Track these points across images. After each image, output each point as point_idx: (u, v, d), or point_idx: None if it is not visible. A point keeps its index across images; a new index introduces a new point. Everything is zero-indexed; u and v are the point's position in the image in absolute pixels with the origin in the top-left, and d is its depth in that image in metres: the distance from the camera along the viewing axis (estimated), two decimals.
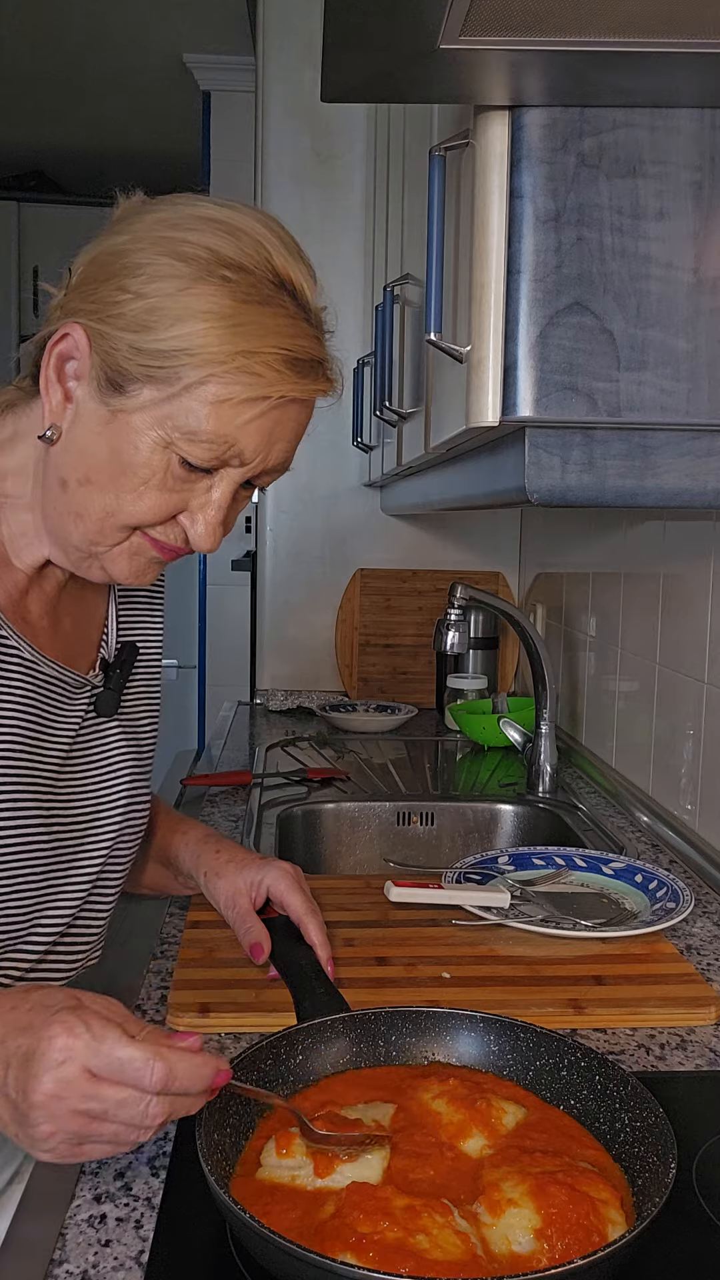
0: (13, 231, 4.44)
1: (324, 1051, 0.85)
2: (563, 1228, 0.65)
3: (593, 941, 1.16)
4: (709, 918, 1.29)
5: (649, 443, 1.02)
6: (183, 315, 0.79)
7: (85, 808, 0.98)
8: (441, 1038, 0.87)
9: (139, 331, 0.80)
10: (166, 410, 0.81)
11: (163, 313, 0.80)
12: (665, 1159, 0.69)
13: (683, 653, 1.57)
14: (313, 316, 0.86)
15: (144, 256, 0.81)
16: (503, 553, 2.69)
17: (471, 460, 1.33)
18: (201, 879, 1.14)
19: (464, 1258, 0.64)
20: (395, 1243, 0.63)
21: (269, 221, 0.85)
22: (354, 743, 2.26)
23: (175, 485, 0.84)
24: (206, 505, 0.86)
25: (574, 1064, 0.81)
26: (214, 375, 0.80)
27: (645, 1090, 0.75)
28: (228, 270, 0.81)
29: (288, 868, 1.11)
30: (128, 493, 0.84)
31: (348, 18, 0.85)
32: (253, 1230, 0.62)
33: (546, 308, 0.98)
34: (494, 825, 1.78)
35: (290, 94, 2.56)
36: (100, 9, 3.21)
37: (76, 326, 0.83)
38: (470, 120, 1.01)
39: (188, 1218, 0.73)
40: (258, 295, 0.81)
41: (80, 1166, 0.79)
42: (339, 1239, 0.64)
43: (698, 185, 0.97)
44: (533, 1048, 0.84)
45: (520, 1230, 0.66)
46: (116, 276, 0.82)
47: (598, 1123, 0.78)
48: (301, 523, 2.67)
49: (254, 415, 0.82)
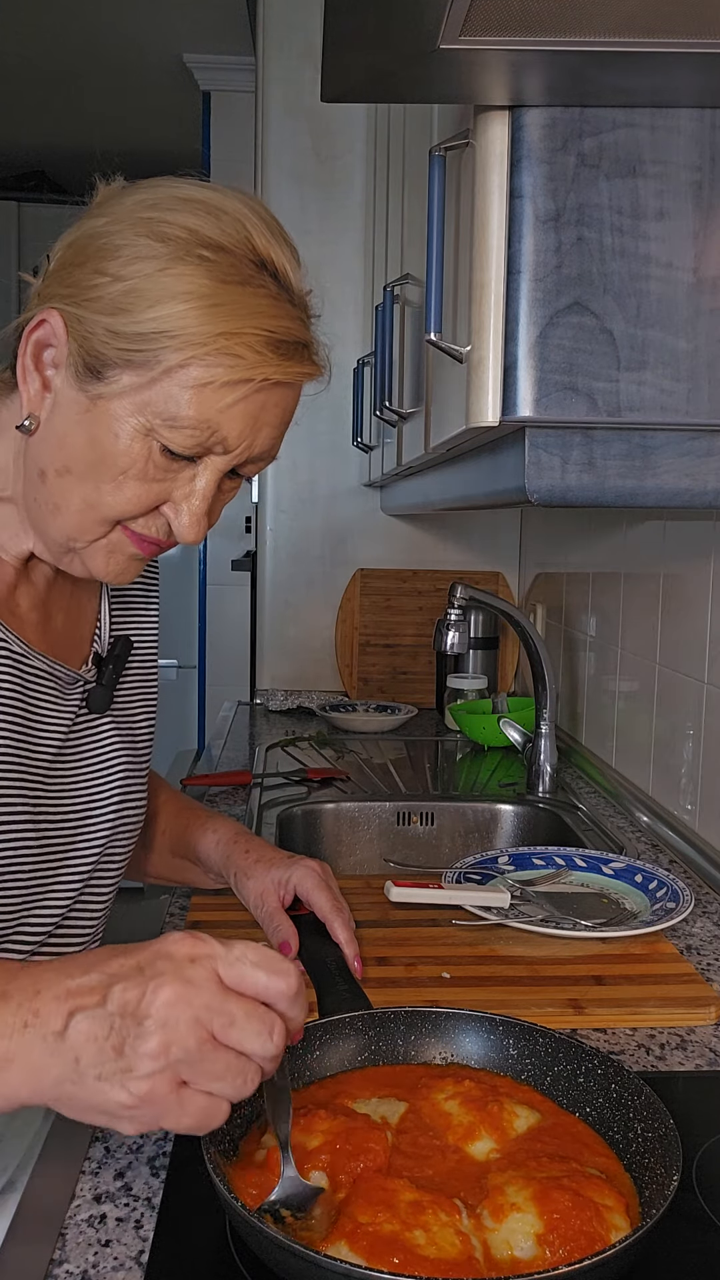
0: (13, 232, 4.45)
1: (341, 1047, 0.85)
2: (565, 1234, 0.65)
3: (593, 941, 1.16)
4: (709, 918, 1.29)
5: (649, 443, 1.02)
6: (161, 297, 0.77)
7: (77, 806, 0.97)
8: (460, 1039, 0.87)
9: (116, 314, 0.78)
10: (146, 396, 0.78)
11: (141, 294, 0.77)
12: (670, 1170, 0.68)
13: (683, 653, 1.57)
14: (296, 298, 0.83)
15: (122, 238, 0.79)
16: (503, 553, 2.69)
17: (471, 460, 1.33)
18: (231, 879, 1.15)
19: (459, 1258, 0.64)
20: (390, 1235, 0.63)
21: (251, 202, 0.83)
22: (354, 743, 2.26)
23: (157, 474, 0.81)
24: (190, 495, 0.83)
25: (591, 1070, 0.81)
26: (195, 358, 0.77)
27: (658, 1100, 0.75)
28: (207, 250, 0.78)
29: (315, 865, 1.11)
30: (107, 483, 0.81)
31: (348, 17, 0.85)
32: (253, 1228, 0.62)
33: (546, 308, 0.98)
34: (494, 825, 1.78)
35: (290, 94, 2.56)
36: (100, 9, 3.22)
37: (53, 312, 0.80)
38: (470, 120, 1.01)
39: (188, 1217, 0.73)
40: (238, 275, 0.79)
41: (80, 1166, 0.79)
42: (337, 1227, 0.64)
43: (698, 185, 0.97)
44: (550, 1052, 0.83)
45: (522, 1235, 0.66)
46: (94, 259, 0.79)
47: (611, 1131, 0.78)
48: (301, 523, 2.67)
49: (236, 399, 0.79)
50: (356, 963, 1.06)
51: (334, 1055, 0.85)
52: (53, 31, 3.37)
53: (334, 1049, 0.85)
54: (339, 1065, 0.85)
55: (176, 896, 1.28)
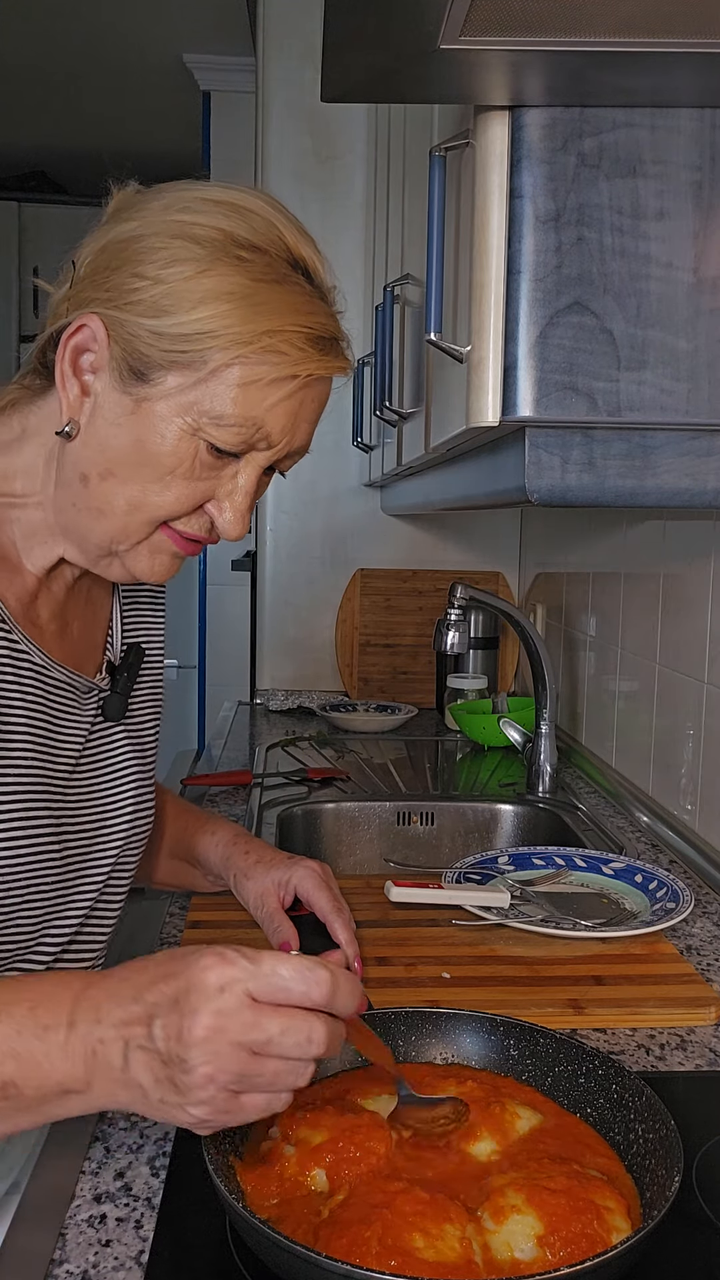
0: (13, 231, 4.45)
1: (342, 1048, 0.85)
2: (566, 1236, 0.65)
3: (592, 941, 1.16)
4: (709, 918, 1.29)
5: (649, 442, 1.02)
6: (204, 297, 0.78)
7: (93, 815, 0.96)
8: (460, 1040, 0.87)
9: (159, 316, 0.79)
10: (193, 396, 0.79)
11: (182, 296, 0.78)
12: (671, 1171, 0.68)
13: (682, 653, 1.57)
14: (327, 295, 0.85)
15: (157, 241, 0.80)
16: (503, 553, 2.69)
17: (471, 460, 1.33)
18: (231, 880, 1.15)
19: (459, 1261, 0.63)
20: (385, 1238, 0.63)
21: (273, 201, 0.84)
22: (354, 743, 2.26)
23: (202, 473, 0.83)
24: (234, 492, 0.84)
25: (592, 1071, 0.81)
26: (240, 357, 0.78)
27: (659, 1102, 0.75)
28: (243, 250, 0.80)
29: (315, 866, 1.11)
30: (153, 483, 0.82)
31: (348, 17, 0.85)
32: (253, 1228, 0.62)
33: (546, 308, 0.98)
34: (494, 825, 1.78)
35: (290, 94, 2.56)
36: (100, 9, 3.21)
37: (93, 317, 0.81)
38: (470, 120, 1.01)
39: (188, 1217, 0.73)
40: (274, 274, 0.80)
41: (80, 1166, 0.79)
42: (334, 1228, 0.64)
43: (698, 185, 0.97)
44: (552, 1053, 0.83)
45: (522, 1237, 0.66)
46: (130, 263, 0.80)
47: (612, 1132, 0.78)
48: (301, 523, 2.67)
49: (282, 396, 0.81)
50: (357, 963, 1.06)
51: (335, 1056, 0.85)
52: (53, 32, 3.37)
53: None
54: (339, 1065, 0.85)
55: (176, 897, 1.28)
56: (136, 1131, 0.84)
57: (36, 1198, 0.77)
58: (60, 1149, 0.82)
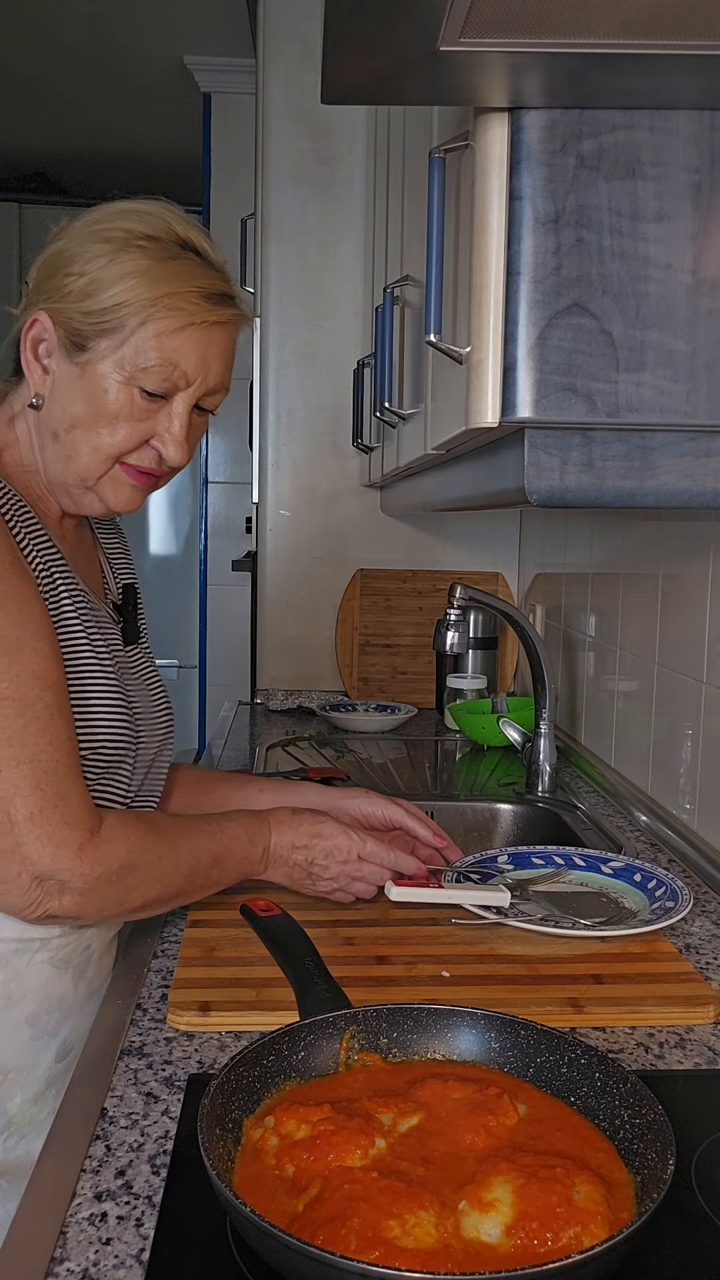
0: (14, 233, 4.45)
1: (326, 1047, 0.85)
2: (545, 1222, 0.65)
3: (592, 940, 1.16)
4: (708, 917, 1.29)
5: (648, 443, 1.02)
6: (115, 279, 1.02)
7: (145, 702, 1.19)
8: (443, 1035, 0.87)
9: (86, 299, 1.03)
10: (121, 354, 1.03)
11: (100, 281, 1.03)
12: (664, 1155, 0.69)
13: (682, 653, 1.58)
14: (215, 265, 1.09)
15: (78, 247, 1.05)
16: (502, 553, 2.69)
17: (471, 461, 1.33)
18: None
19: (435, 1247, 0.64)
20: (362, 1228, 0.64)
21: (167, 203, 1.08)
22: (354, 742, 2.26)
23: (141, 415, 1.06)
24: (170, 425, 1.07)
25: (574, 1060, 0.82)
26: (150, 315, 1.03)
27: (645, 1087, 0.75)
28: (142, 241, 1.04)
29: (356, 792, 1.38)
30: (104, 428, 1.05)
31: (348, 19, 0.85)
32: (254, 1225, 0.62)
33: (546, 309, 0.98)
34: (493, 825, 1.79)
35: (291, 96, 2.56)
36: (101, 11, 3.22)
37: (41, 313, 1.06)
38: (470, 122, 1.01)
39: (188, 1216, 0.74)
40: (168, 254, 1.05)
41: (80, 1165, 0.79)
42: (309, 1222, 0.64)
43: (697, 187, 0.97)
44: (533, 1044, 0.84)
45: (492, 1225, 0.66)
46: (60, 268, 1.05)
47: (598, 1119, 0.78)
48: (301, 523, 2.68)
49: (188, 341, 1.04)
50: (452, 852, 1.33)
51: (319, 1056, 0.84)
52: (54, 33, 3.37)
53: (318, 1049, 0.85)
54: (324, 1067, 0.84)
55: None
56: (137, 1130, 0.84)
57: (37, 1195, 0.77)
58: (61, 1147, 0.82)
